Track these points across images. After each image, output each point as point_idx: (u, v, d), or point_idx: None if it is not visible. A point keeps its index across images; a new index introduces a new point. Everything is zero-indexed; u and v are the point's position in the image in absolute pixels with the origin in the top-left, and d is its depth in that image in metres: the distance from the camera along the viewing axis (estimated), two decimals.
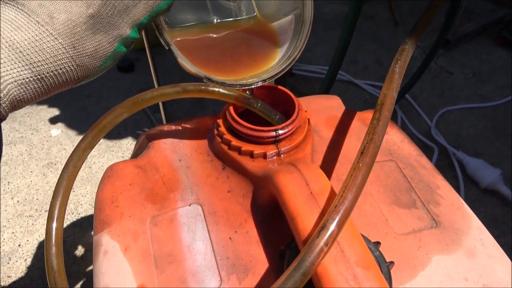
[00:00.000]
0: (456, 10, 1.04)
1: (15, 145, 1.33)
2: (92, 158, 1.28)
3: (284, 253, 0.32)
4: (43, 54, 0.25)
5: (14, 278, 0.99)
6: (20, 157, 1.29)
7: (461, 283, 0.34)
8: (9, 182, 1.21)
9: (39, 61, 0.25)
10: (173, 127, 0.47)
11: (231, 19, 0.42)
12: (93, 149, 1.30)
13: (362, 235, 0.32)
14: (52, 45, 0.26)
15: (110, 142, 1.33)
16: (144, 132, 0.48)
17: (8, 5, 0.25)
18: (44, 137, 1.36)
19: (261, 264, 0.34)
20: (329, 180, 0.41)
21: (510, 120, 1.41)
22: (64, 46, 0.26)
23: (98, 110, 1.45)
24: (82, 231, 1.09)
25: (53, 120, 1.42)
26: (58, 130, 1.39)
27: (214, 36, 0.42)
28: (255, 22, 0.43)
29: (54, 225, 0.35)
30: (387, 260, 0.32)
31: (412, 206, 0.40)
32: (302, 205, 0.31)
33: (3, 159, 1.28)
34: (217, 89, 0.39)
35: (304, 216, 0.30)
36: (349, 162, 0.43)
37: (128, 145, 1.34)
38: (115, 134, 1.36)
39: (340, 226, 0.27)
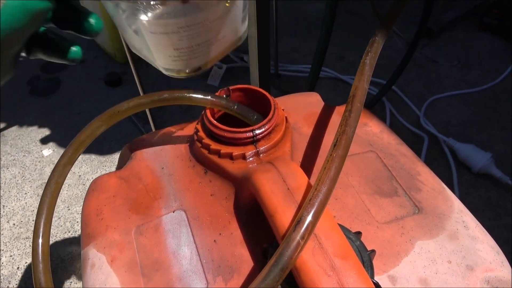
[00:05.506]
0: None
1: (7, 168, 1.32)
2: (86, 175, 1.28)
3: (267, 250, 0.33)
4: None
5: None
6: (13, 179, 1.29)
7: (444, 265, 0.34)
8: (4, 206, 1.21)
9: None
10: (155, 136, 0.47)
11: None
12: (86, 166, 1.30)
13: (342, 226, 0.32)
14: None
15: (102, 158, 1.33)
16: None
17: None
18: (36, 158, 1.36)
19: (246, 263, 0.35)
20: (310, 175, 0.41)
21: (497, 104, 1.42)
22: None
23: None
24: (79, 248, 1.09)
25: (44, 140, 1.42)
26: (50, 149, 1.38)
27: None
28: None
29: (40, 241, 0.36)
30: (369, 249, 0.32)
31: (393, 194, 0.40)
32: (280, 202, 0.31)
33: None
34: (193, 95, 0.39)
35: (282, 212, 0.31)
36: None
37: None
38: (106, 149, 1.36)
39: (315, 218, 0.27)
